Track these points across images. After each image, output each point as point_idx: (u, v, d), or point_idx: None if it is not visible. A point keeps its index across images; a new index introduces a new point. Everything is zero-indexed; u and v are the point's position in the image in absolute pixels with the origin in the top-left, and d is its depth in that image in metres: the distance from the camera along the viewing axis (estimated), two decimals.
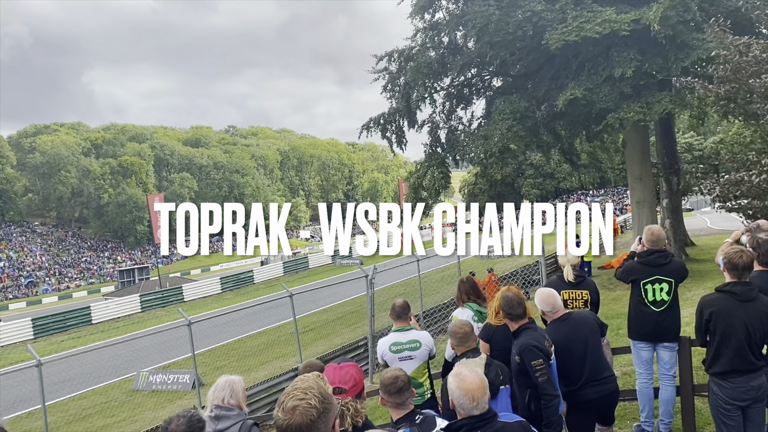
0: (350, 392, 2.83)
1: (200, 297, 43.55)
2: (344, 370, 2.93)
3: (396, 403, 3.35)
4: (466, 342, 4.43)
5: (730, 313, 4.34)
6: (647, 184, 22.85)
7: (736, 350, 4.32)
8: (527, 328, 4.48)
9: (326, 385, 2.05)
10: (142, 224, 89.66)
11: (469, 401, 2.86)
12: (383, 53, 24.52)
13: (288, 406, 1.93)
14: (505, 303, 4.56)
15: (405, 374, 3.43)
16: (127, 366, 19.52)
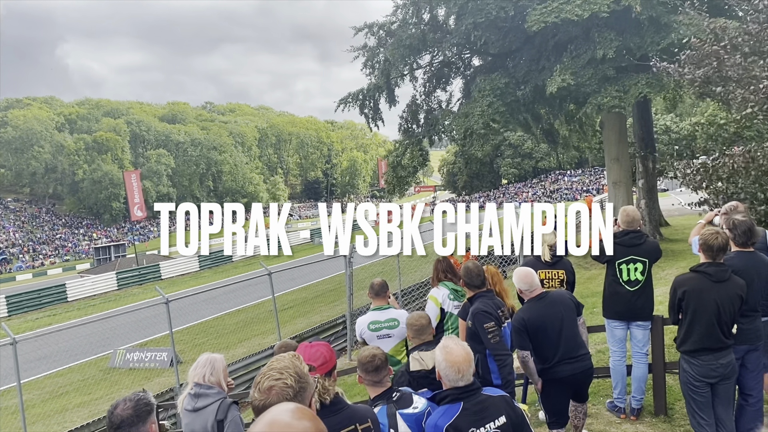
0: (320, 370, 2.86)
1: (178, 275, 43.24)
2: (314, 348, 2.96)
3: (373, 381, 3.40)
4: (422, 334, 4.38)
5: (702, 292, 4.44)
6: (624, 164, 23.12)
7: (707, 329, 4.43)
8: (482, 296, 4.68)
9: (302, 364, 2.06)
10: (118, 201, 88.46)
11: (455, 373, 2.93)
12: (362, 25, 24.24)
13: (264, 386, 1.95)
14: (465, 273, 4.81)
15: (382, 353, 3.47)
16: (104, 344, 19.37)
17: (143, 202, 57.59)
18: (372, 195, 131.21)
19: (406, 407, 3.31)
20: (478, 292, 4.76)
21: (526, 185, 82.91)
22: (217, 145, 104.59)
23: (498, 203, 65.32)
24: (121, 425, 2.89)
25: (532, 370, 4.67)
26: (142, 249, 65.79)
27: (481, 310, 4.50)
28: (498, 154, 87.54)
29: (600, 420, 5.89)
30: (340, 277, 22.08)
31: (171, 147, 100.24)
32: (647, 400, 5.98)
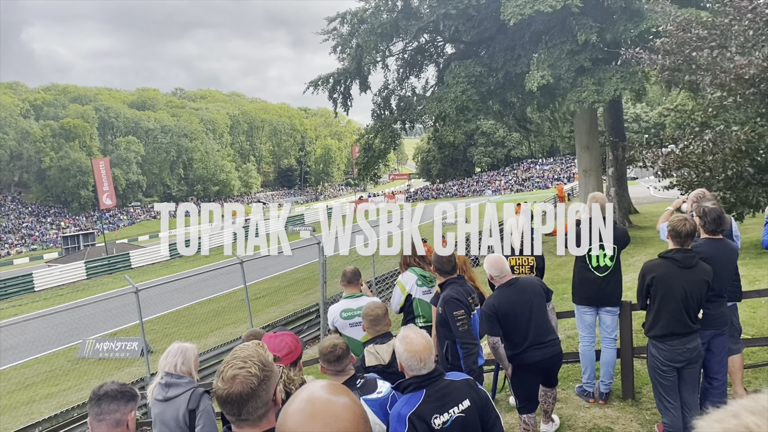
0: (284, 360, 2.84)
1: (148, 264, 42.64)
2: (280, 338, 2.93)
3: (336, 371, 3.40)
4: (377, 325, 4.24)
5: (670, 278, 4.51)
6: (594, 153, 23.40)
7: (674, 314, 4.50)
8: (453, 283, 4.68)
9: (266, 352, 2.04)
10: (87, 189, 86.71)
11: (417, 362, 2.93)
12: (336, 14, 24.08)
13: (227, 375, 1.91)
14: (436, 259, 4.80)
15: (343, 342, 3.47)
16: (73, 334, 19.06)
17: (113, 190, 56.52)
18: (346, 183, 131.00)
19: (370, 393, 3.31)
20: (449, 278, 4.76)
21: (498, 173, 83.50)
22: (187, 132, 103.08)
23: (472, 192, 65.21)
24: (104, 397, 2.85)
25: (502, 355, 4.70)
26: (112, 238, 64.79)
27: (452, 297, 4.51)
28: (471, 142, 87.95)
29: (569, 404, 5.97)
30: (313, 265, 22.01)
31: (141, 134, 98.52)
32: (615, 384, 6.08)
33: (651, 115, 73.13)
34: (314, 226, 44.01)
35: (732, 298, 5.25)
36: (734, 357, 5.29)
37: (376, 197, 78.74)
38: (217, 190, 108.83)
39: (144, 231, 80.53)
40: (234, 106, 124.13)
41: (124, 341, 17.53)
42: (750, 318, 7.30)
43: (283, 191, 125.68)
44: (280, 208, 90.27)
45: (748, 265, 10.46)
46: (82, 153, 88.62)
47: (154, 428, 3.81)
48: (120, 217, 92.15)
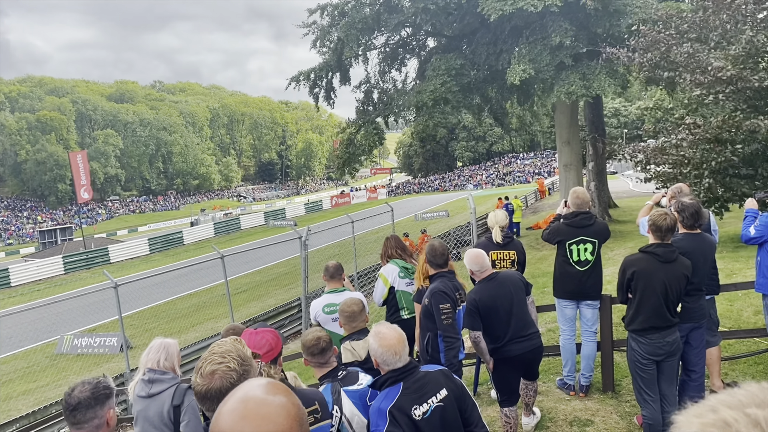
0: (264, 358, 2.82)
1: (127, 258, 42.22)
2: (260, 335, 2.92)
3: (319, 363, 3.44)
4: (353, 321, 4.21)
5: (650, 272, 4.55)
6: (574, 147, 23.59)
7: (655, 308, 4.55)
8: (442, 276, 4.71)
9: (245, 348, 2.03)
10: (64, 183, 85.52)
11: (392, 355, 2.94)
12: (315, 6, 23.96)
13: (206, 370, 1.91)
14: (430, 250, 4.83)
15: (326, 335, 3.49)
16: (51, 330, 18.82)
17: (90, 183, 55.75)
18: (328, 177, 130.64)
19: (351, 384, 3.35)
20: (439, 271, 4.76)
21: (480, 168, 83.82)
22: (167, 125, 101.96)
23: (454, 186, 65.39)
24: (78, 407, 2.78)
25: (483, 349, 4.72)
26: (90, 232, 63.95)
27: (439, 290, 4.53)
28: (453, 137, 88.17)
29: (550, 397, 6.02)
30: (295, 260, 21.95)
31: (119, 127, 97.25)
32: (596, 377, 6.14)
33: (630, 110, 73.85)
34: (296, 221, 43.85)
35: (710, 292, 5.32)
36: (712, 349, 5.37)
37: (357, 191, 78.66)
38: (197, 184, 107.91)
39: (123, 225, 79.66)
40: (214, 99, 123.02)
41: (103, 337, 17.34)
42: (727, 311, 7.41)
43: (264, 185, 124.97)
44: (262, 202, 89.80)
45: (725, 258, 10.62)
46: (59, 146, 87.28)
47: (136, 425, 3.75)
48: (98, 211, 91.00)
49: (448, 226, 28.86)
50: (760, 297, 5.44)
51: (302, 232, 14.06)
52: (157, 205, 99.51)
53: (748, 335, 6.33)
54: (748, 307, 7.55)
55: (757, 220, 5.23)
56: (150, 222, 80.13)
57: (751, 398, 0.70)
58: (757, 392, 0.72)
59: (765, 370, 5.68)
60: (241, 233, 49.46)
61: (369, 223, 22.50)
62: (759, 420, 0.67)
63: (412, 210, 37.94)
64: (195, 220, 60.42)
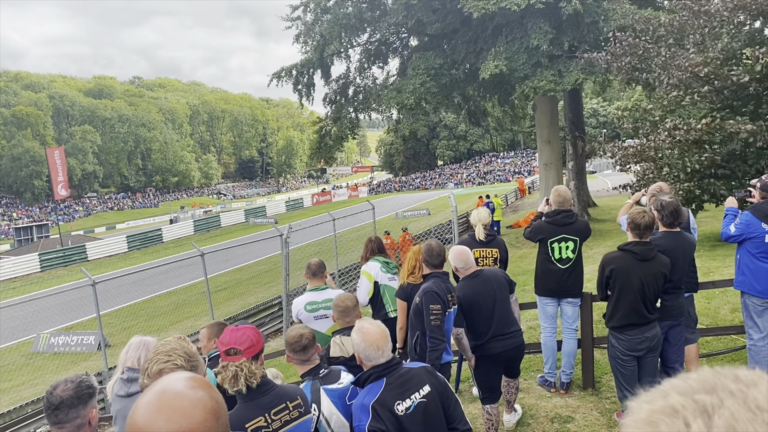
0: (246, 354, 2.81)
1: (105, 256, 41.66)
2: (241, 332, 2.90)
3: (301, 360, 3.42)
4: (346, 316, 4.28)
5: (628, 270, 4.60)
6: (555, 147, 23.78)
7: (632, 305, 4.61)
8: (436, 276, 4.67)
9: (189, 344, 1.99)
10: (41, 179, 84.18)
11: (375, 350, 2.95)
12: (299, 2, 23.87)
13: (153, 370, 1.89)
14: (427, 249, 4.77)
15: (309, 331, 3.48)
16: (27, 328, 18.52)
17: (67, 180, 54.91)
18: (309, 175, 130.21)
19: (331, 383, 3.35)
20: (434, 271, 4.75)
21: (461, 166, 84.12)
22: (146, 121, 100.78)
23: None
24: (60, 406, 2.72)
25: (465, 346, 4.73)
26: (67, 229, 63.05)
27: (432, 290, 4.51)
28: (434, 135, 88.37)
29: (531, 394, 6.05)
30: (275, 257, 21.85)
31: (97, 123, 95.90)
32: (576, 374, 6.18)
33: (609, 110, 74.59)
34: (276, 218, 43.63)
35: (689, 290, 5.39)
36: (690, 346, 5.43)
37: (338, 189, 78.51)
38: (177, 181, 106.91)
39: (101, 222, 78.67)
40: (194, 96, 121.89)
41: (80, 335, 17.11)
42: (705, 308, 7.51)
43: (245, 183, 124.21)
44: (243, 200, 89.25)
45: (703, 257, 10.77)
46: (36, 142, 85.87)
47: (115, 425, 3.69)
48: (76, 208, 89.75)
49: (429, 224, 28.92)
50: (738, 294, 5.51)
51: (283, 229, 14.00)
52: (136, 202, 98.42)
53: (725, 332, 6.42)
54: (725, 304, 7.66)
55: (737, 218, 5.30)
56: (128, 219, 79.21)
57: (702, 384, 0.70)
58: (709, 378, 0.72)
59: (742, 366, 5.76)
60: (222, 231, 49.10)
61: (350, 221, 22.46)
62: (706, 406, 0.67)
63: (393, 208, 37.94)
64: (174, 217, 59.84)
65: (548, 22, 18.66)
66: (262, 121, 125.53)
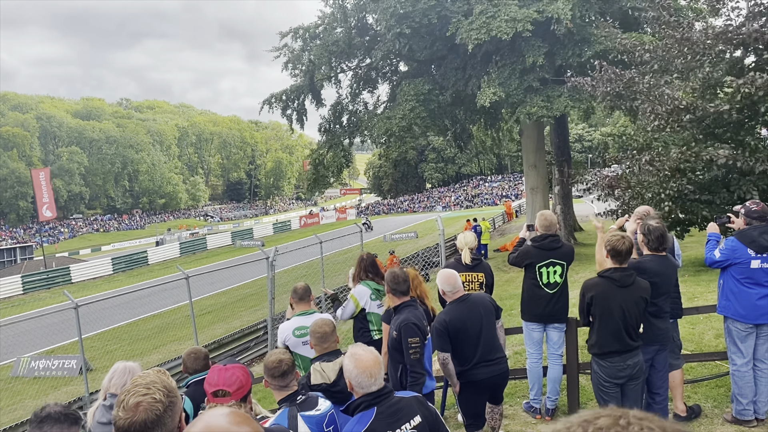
0: (234, 396, 2.75)
1: (90, 278, 41.21)
2: (229, 372, 2.84)
3: (280, 386, 3.39)
4: (324, 342, 4.10)
5: (608, 297, 4.61)
6: (541, 171, 23.96)
7: (614, 332, 4.60)
8: (409, 305, 4.67)
9: (169, 379, 1.95)
10: (26, 200, 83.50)
11: (367, 378, 2.89)
12: (287, 30, 24.17)
13: (130, 403, 1.80)
14: (391, 278, 4.75)
15: (289, 357, 3.45)
16: (6, 351, 18.16)
17: (53, 201, 54.43)
18: (297, 197, 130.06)
19: (309, 409, 3.30)
20: (404, 300, 4.73)
21: (449, 189, 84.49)
22: (134, 143, 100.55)
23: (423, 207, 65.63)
24: (46, 418, 2.70)
25: (451, 372, 4.69)
26: (51, 251, 62.36)
27: (410, 322, 4.47)
28: (422, 158, 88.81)
29: (517, 421, 6.00)
30: (261, 281, 21.69)
31: (84, 144, 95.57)
32: (561, 399, 6.15)
33: (594, 136, 75.46)
34: (263, 241, 43.43)
35: (673, 315, 5.40)
36: (675, 372, 5.42)
37: (326, 212, 78.44)
38: (164, 202, 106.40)
39: (86, 244, 77.90)
40: (182, 118, 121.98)
41: (61, 359, 16.80)
42: (689, 334, 7.53)
43: (232, 205, 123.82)
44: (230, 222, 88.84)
45: (687, 282, 10.82)
46: (22, 163, 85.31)
47: None
48: (61, 229, 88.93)
49: (417, 247, 28.90)
50: (722, 320, 5.53)
51: (269, 252, 13.93)
52: (122, 224, 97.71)
53: (709, 358, 6.43)
54: (709, 330, 7.68)
55: (722, 243, 5.34)
56: (114, 241, 78.54)
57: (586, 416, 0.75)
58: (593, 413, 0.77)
59: (726, 393, 5.76)
60: (208, 253, 48.76)
61: (338, 243, 22.40)
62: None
63: (381, 231, 37.94)
64: (160, 239, 59.43)
65: (539, 41, 18.94)
66: (250, 143, 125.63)
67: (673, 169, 11.18)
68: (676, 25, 12.29)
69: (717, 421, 5.38)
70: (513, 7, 18.25)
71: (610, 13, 19.36)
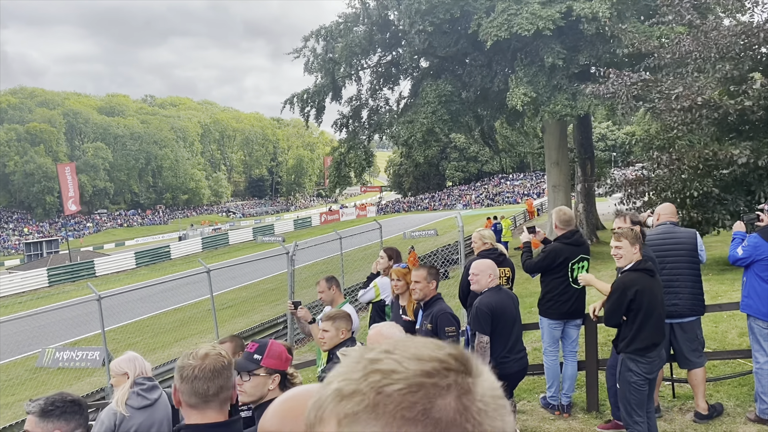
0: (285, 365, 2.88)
1: (113, 272, 41.77)
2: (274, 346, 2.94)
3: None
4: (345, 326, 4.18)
5: (652, 289, 4.50)
6: (563, 169, 23.75)
7: (656, 324, 4.49)
8: (439, 299, 4.74)
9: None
10: (52, 195, 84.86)
11: None
12: (309, 33, 24.29)
13: (200, 353, 2.07)
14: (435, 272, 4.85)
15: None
16: (32, 342, 18.53)
17: (78, 195, 55.32)
18: (318, 194, 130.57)
19: None
20: (434, 294, 4.77)
21: (470, 188, 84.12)
22: (157, 139, 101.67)
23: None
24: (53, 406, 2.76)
25: (487, 357, 4.63)
26: (76, 245, 63.39)
27: (446, 312, 4.54)
28: (444, 156, 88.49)
29: (534, 416, 5.97)
30: (282, 276, 21.80)
31: (109, 140, 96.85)
32: (579, 396, 6.10)
33: (618, 135, 74.58)
34: (284, 236, 43.70)
35: (696, 312, 5.33)
36: (697, 370, 5.35)
37: (346, 209, 78.65)
38: (187, 198, 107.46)
39: (110, 239, 79.02)
40: (206, 115, 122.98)
41: (85, 350, 17.08)
42: (712, 332, 7.42)
43: (254, 201, 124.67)
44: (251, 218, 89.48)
45: (711, 281, 10.66)
46: (48, 158, 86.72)
47: None
48: (85, 224, 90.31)
49: (437, 244, 28.84)
50: (746, 319, 5.44)
51: (290, 247, 14.00)
52: (146, 219, 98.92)
53: (732, 356, 6.34)
54: (733, 328, 7.56)
55: (745, 241, 5.25)
56: (137, 236, 79.53)
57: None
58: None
59: (749, 391, 5.67)
60: (229, 248, 49.17)
61: (357, 240, 22.44)
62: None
63: (400, 228, 37.94)
64: (183, 234, 60.07)
65: (561, 43, 18.74)
66: (272, 141, 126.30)
67: (693, 168, 11.02)
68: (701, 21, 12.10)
69: (740, 420, 5.30)
70: (536, 5, 18.09)
71: (636, 9, 19.11)
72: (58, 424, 2.69)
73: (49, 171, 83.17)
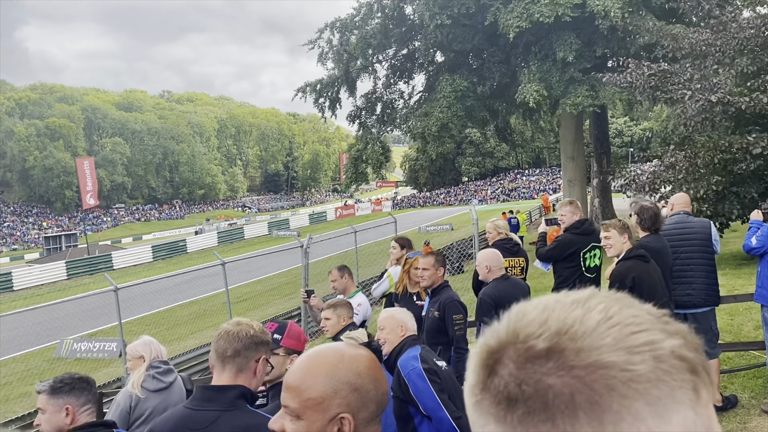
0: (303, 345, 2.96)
1: (130, 265, 42.24)
2: (293, 328, 3.05)
3: None
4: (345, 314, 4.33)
5: (649, 273, 4.50)
6: (579, 163, 23.58)
7: (660, 306, 4.47)
8: (447, 286, 4.77)
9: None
10: (71, 189, 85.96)
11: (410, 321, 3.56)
12: (324, 25, 24.25)
13: (233, 321, 2.28)
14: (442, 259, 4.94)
15: None
16: (50, 333, 18.78)
17: (96, 190, 55.94)
18: (333, 189, 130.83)
19: None
20: (442, 282, 4.80)
21: (485, 183, 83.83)
22: (174, 134, 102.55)
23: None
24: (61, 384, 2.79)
25: None
26: (95, 239, 64.12)
27: (454, 300, 4.58)
28: (459, 152, 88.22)
29: None
30: (296, 270, 21.86)
31: (127, 135, 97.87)
32: None
33: (635, 131, 73.89)
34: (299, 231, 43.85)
35: (710, 303, 5.29)
36: (711, 362, 5.31)
37: (362, 204, 78.72)
38: (203, 193, 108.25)
39: (127, 233, 79.86)
40: (222, 110, 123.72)
41: (102, 342, 17.25)
42: (728, 325, 7.36)
43: (270, 196, 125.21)
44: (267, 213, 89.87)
45: (728, 275, 10.56)
46: (67, 153, 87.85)
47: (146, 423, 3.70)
48: (103, 218, 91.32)
49: (452, 239, 28.78)
50: (760, 310, 5.39)
51: (304, 240, 14.05)
52: (162, 213, 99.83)
53: (747, 348, 6.28)
54: (748, 321, 7.49)
55: (760, 230, 5.20)
56: (154, 230, 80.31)
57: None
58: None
59: (764, 384, 5.62)
60: (245, 242, 49.46)
61: (372, 234, 22.46)
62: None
63: (416, 223, 37.89)
64: (199, 229, 60.54)
65: (575, 35, 18.60)
66: (288, 136, 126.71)
67: (708, 163, 10.89)
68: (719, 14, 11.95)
69: (754, 412, 5.25)
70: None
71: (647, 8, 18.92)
72: (68, 400, 2.74)
73: (68, 166, 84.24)
